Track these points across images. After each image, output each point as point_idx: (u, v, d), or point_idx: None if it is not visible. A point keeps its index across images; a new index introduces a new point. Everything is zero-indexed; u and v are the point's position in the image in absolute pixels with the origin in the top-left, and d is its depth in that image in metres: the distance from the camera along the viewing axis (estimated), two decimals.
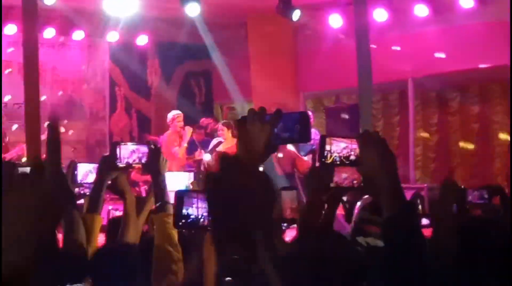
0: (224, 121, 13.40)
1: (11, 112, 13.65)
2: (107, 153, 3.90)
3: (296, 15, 13.42)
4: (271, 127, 2.35)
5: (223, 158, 2.26)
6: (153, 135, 14.97)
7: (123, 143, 3.84)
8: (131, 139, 16.19)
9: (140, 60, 16.58)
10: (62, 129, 13.42)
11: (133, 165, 3.87)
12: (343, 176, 3.62)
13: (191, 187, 4.88)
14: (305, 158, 11.87)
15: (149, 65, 16.97)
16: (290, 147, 11.64)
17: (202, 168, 12.53)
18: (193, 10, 12.87)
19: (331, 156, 3.14)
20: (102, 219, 3.80)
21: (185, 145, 12.71)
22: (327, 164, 3.34)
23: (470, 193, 5.32)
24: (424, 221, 8.00)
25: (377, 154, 2.79)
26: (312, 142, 13.63)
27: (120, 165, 3.79)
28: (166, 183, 3.76)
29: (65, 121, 13.70)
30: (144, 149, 3.86)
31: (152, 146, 3.84)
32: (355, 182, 3.60)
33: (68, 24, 14.80)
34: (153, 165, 3.77)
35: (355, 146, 3.08)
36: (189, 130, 12.77)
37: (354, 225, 5.20)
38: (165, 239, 3.58)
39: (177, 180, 5.00)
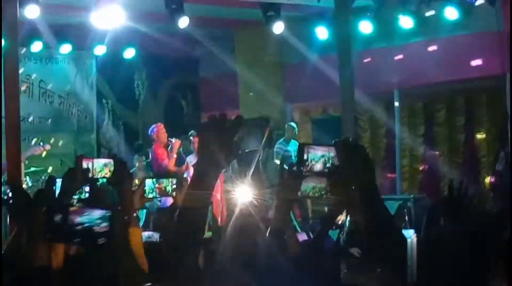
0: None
1: None
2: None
3: (278, 27, 13.48)
4: (231, 134, 2.35)
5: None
6: None
7: (90, 157, 3.86)
8: (119, 151, 16.19)
9: (127, 73, 16.57)
10: (48, 147, 13.37)
11: (98, 178, 3.88)
12: (310, 185, 3.65)
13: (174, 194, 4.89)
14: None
15: (136, 77, 16.97)
16: None
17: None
18: (180, 23, 12.89)
19: (308, 164, 3.17)
20: None
21: (175, 156, 12.73)
22: (295, 173, 3.36)
23: None
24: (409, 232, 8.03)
25: (356, 160, 2.81)
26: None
27: (85, 178, 3.80)
28: (132, 197, 3.76)
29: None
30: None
31: (117, 161, 3.85)
32: (323, 192, 3.63)
33: (56, 37, 14.78)
34: (118, 180, 3.77)
35: (332, 154, 3.10)
36: (177, 142, 12.80)
37: (345, 236, 5.22)
38: (131, 252, 3.58)
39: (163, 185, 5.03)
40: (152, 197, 4.90)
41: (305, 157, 3.14)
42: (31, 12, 11.41)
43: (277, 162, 13.32)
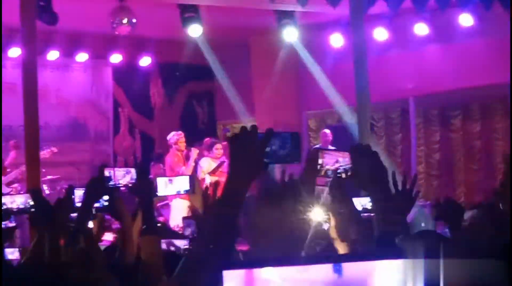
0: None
1: (15, 134, 13.67)
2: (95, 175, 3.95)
3: (293, 35, 13.58)
4: (262, 146, 2.38)
5: None
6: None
7: (111, 166, 3.93)
8: (135, 160, 16.26)
9: (143, 81, 16.64)
10: (55, 149, 13.40)
11: (120, 187, 3.91)
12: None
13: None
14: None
15: (152, 86, 17.03)
16: None
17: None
18: (195, 31, 12.95)
19: (322, 169, 3.22)
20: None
21: (193, 164, 12.76)
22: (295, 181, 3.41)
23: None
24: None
25: (369, 166, 2.85)
26: None
27: (108, 186, 3.84)
28: (152, 205, 3.78)
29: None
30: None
31: (140, 170, 3.88)
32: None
33: (72, 46, 14.87)
34: (139, 188, 3.79)
35: (347, 159, 3.15)
36: (195, 151, 12.85)
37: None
38: (151, 259, 3.59)
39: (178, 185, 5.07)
40: (164, 195, 4.94)
41: (319, 161, 3.20)
42: (49, 21, 11.48)
43: None
